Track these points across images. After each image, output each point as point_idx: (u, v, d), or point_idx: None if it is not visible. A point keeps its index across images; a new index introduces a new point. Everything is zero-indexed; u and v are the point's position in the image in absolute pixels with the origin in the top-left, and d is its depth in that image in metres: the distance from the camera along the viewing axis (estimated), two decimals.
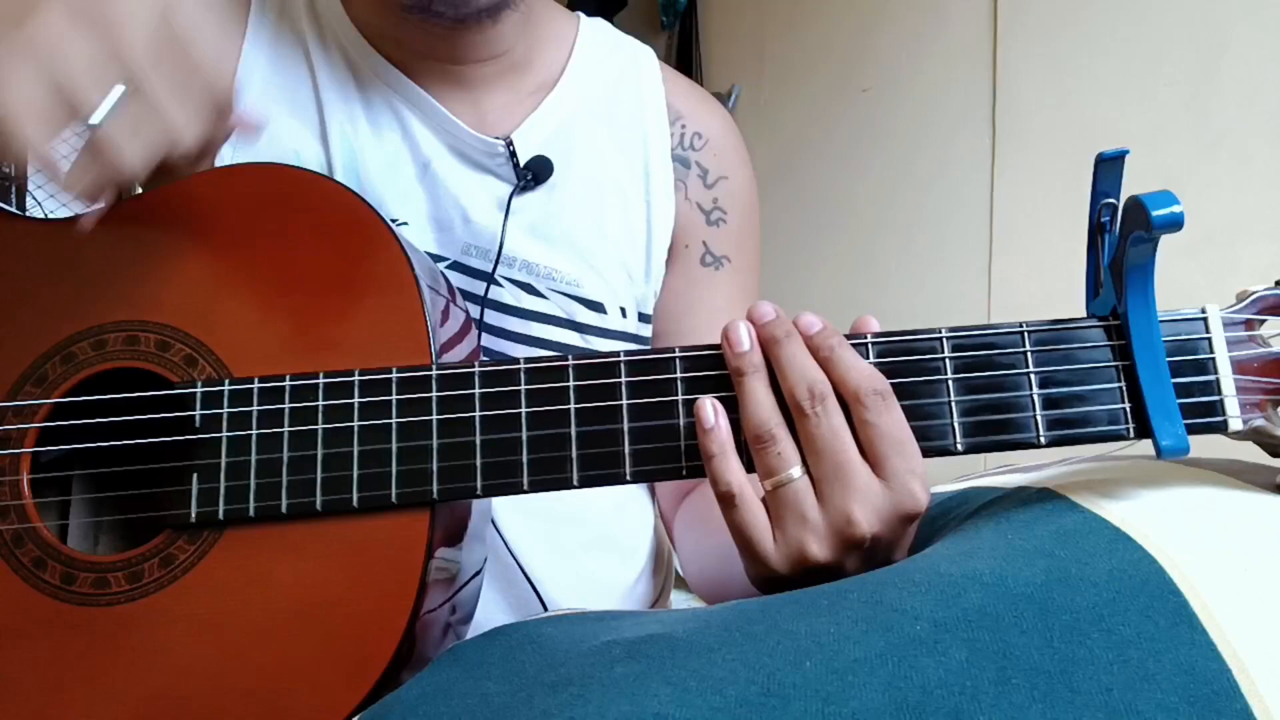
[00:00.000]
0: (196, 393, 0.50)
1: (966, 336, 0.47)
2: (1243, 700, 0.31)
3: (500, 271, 0.70)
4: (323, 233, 0.53)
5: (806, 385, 0.45)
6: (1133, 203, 0.42)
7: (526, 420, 0.48)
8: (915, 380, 0.47)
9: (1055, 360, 0.46)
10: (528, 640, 0.41)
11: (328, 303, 0.52)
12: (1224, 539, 0.37)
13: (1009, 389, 0.46)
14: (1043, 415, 0.46)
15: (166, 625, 0.49)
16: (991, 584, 0.36)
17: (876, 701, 0.32)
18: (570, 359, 0.49)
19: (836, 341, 0.46)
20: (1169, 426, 0.43)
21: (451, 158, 0.71)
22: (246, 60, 0.70)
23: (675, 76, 0.81)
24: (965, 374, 0.47)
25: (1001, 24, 2.00)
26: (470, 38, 0.69)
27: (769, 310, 0.47)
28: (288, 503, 0.49)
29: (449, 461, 0.48)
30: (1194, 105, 1.66)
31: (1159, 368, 0.44)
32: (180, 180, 0.56)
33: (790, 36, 2.54)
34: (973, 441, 0.46)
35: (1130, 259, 0.43)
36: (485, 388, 0.49)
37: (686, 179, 0.77)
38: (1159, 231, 0.40)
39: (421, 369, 0.49)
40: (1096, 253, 0.47)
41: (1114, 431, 0.45)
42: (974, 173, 2.03)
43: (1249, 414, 0.44)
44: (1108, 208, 0.46)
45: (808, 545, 0.44)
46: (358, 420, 0.49)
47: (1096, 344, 0.46)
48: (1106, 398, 0.45)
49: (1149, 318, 0.44)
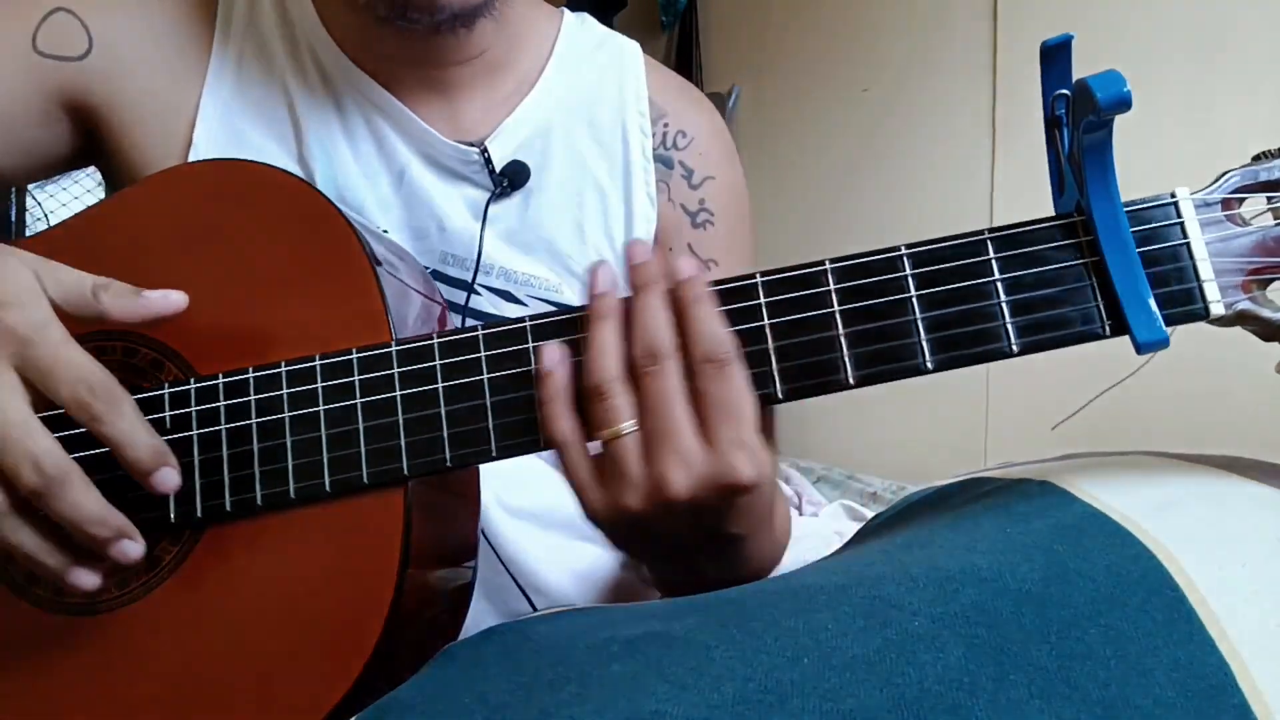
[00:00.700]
0: (164, 395, 0.51)
1: (927, 251, 0.45)
2: (1240, 695, 0.31)
3: (479, 280, 0.69)
4: (276, 224, 0.53)
5: (646, 343, 0.44)
6: (1079, 87, 0.40)
7: (489, 386, 0.48)
8: (878, 301, 0.45)
9: (1021, 264, 0.44)
10: (524, 639, 0.41)
11: (286, 294, 0.52)
12: (1222, 534, 0.37)
13: (976, 299, 0.44)
14: (1013, 323, 0.44)
15: (156, 628, 0.49)
16: (990, 579, 0.36)
17: (874, 698, 0.32)
18: (528, 320, 0.48)
19: (696, 295, 0.45)
20: (1145, 319, 0.42)
21: (426, 166, 0.70)
22: (210, 86, 0.69)
23: (661, 73, 0.79)
24: (929, 289, 0.45)
25: (1001, 24, 2.00)
26: (444, 42, 0.68)
27: (642, 252, 0.46)
28: (262, 494, 0.49)
29: (416, 436, 0.48)
30: (1194, 105, 1.66)
31: (1129, 259, 0.42)
32: (133, 186, 0.56)
33: (790, 36, 2.54)
34: (943, 358, 0.45)
35: (1085, 148, 0.42)
36: (446, 358, 0.48)
37: (670, 180, 0.75)
38: (1108, 113, 0.39)
39: (381, 346, 0.49)
40: (1056, 148, 0.45)
41: (1088, 331, 0.44)
42: (974, 173, 2.03)
43: (1232, 297, 0.42)
44: (1060, 100, 0.44)
45: (624, 498, 0.45)
46: (323, 404, 0.49)
47: (1063, 242, 0.44)
48: (1078, 297, 0.44)
49: (1113, 207, 0.42)
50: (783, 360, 0.46)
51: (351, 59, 0.69)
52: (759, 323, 0.46)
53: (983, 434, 2.02)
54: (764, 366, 0.46)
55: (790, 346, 0.46)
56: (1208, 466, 0.45)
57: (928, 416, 2.07)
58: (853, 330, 0.45)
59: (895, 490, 1.98)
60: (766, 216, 0.82)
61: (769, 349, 0.46)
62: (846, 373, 0.45)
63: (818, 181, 2.43)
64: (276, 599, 0.48)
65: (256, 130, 0.69)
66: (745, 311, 0.47)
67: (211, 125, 0.69)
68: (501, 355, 0.48)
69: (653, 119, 0.75)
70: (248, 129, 0.69)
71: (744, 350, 0.46)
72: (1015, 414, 1.96)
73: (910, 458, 2.09)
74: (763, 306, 0.47)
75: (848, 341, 0.45)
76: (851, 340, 0.45)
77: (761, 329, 0.46)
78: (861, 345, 0.45)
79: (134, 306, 0.49)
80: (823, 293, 0.46)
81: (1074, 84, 0.41)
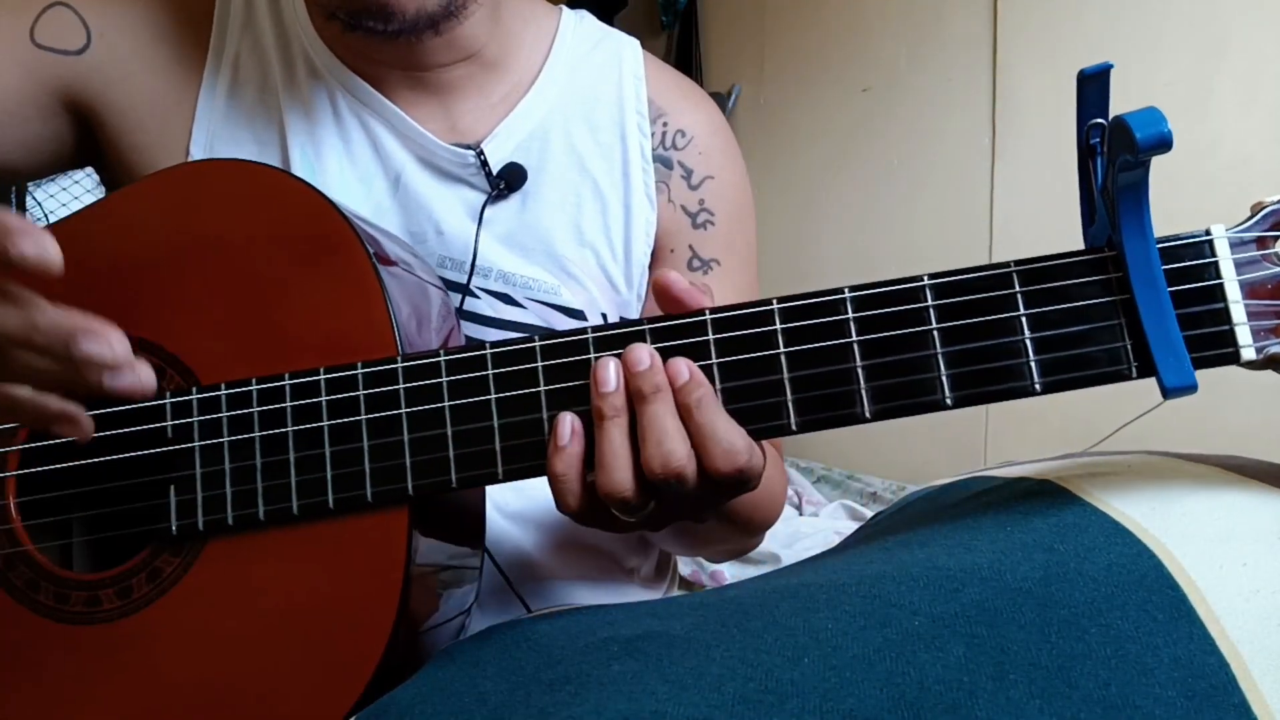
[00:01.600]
0: (166, 404, 0.50)
1: (951, 282, 0.43)
2: (1240, 694, 0.31)
3: (476, 283, 0.69)
4: (281, 230, 0.52)
5: (663, 460, 0.43)
6: (1117, 124, 0.39)
7: (497, 407, 0.47)
8: (898, 333, 0.44)
9: (1048, 299, 0.42)
10: (524, 638, 0.41)
11: (291, 301, 0.51)
12: (1222, 533, 0.37)
13: (999, 335, 0.43)
14: (1036, 360, 0.42)
15: (157, 639, 0.48)
16: (990, 579, 0.36)
17: (874, 698, 0.32)
18: (537, 339, 0.47)
19: (698, 399, 0.44)
20: (1173, 362, 0.40)
21: (422, 169, 0.69)
22: (206, 89, 0.69)
23: (661, 71, 0.78)
24: (951, 322, 0.43)
25: (1001, 24, 2.00)
26: (429, 43, 0.66)
27: (643, 358, 0.45)
28: (265, 509, 0.48)
29: (421, 455, 0.47)
30: (1194, 105, 1.66)
31: (1159, 298, 0.40)
32: (131, 185, 0.56)
33: (790, 36, 2.54)
34: (963, 394, 0.43)
35: (1120, 183, 0.40)
36: (453, 375, 0.47)
37: (669, 180, 0.74)
38: (1146, 154, 0.38)
39: (387, 362, 0.48)
40: (1088, 178, 0.44)
41: (1114, 372, 0.42)
42: (974, 173, 2.03)
43: (1264, 340, 0.40)
44: (1095, 129, 0.42)
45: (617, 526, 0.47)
46: (327, 420, 0.48)
47: (1092, 278, 0.42)
48: (1105, 336, 0.42)
49: (1146, 245, 0.41)
50: (797, 391, 0.44)
51: (343, 60, 0.69)
52: (774, 350, 0.45)
53: (983, 434, 2.02)
54: (778, 397, 0.45)
55: (806, 378, 0.44)
56: (1208, 466, 0.45)
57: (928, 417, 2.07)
58: (871, 363, 0.44)
59: (895, 490, 1.98)
60: (766, 216, 0.81)
61: (784, 379, 0.45)
62: (863, 406, 0.44)
63: (817, 181, 2.43)
64: (278, 615, 0.47)
65: (249, 135, 0.69)
66: (760, 338, 0.45)
67: (207, 129, 0.69)
68: (510, 374, 0.47)
69: (652, 118, 0.74)
70: (242, 134, 0.69)
71: (757, 380, 0.45)
72: (1015, 414, 1.96)
73: (910, 458, 2.09)
74: (778, 333, 0.45)
75: (865, 374, 0.44)
76: (869, 373, 0.44)
77: (776, 357, 0.45)
78: (880, 378, 0.44)
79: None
80: (840, 321, 0.44)
81: (1111, 120, 0.40)
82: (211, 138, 0.69)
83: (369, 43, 0.66)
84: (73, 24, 0.68)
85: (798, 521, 1.90)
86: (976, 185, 2.03)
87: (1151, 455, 0.45)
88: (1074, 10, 1.83)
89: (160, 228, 0.54)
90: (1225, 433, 1.63)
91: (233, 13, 0.71)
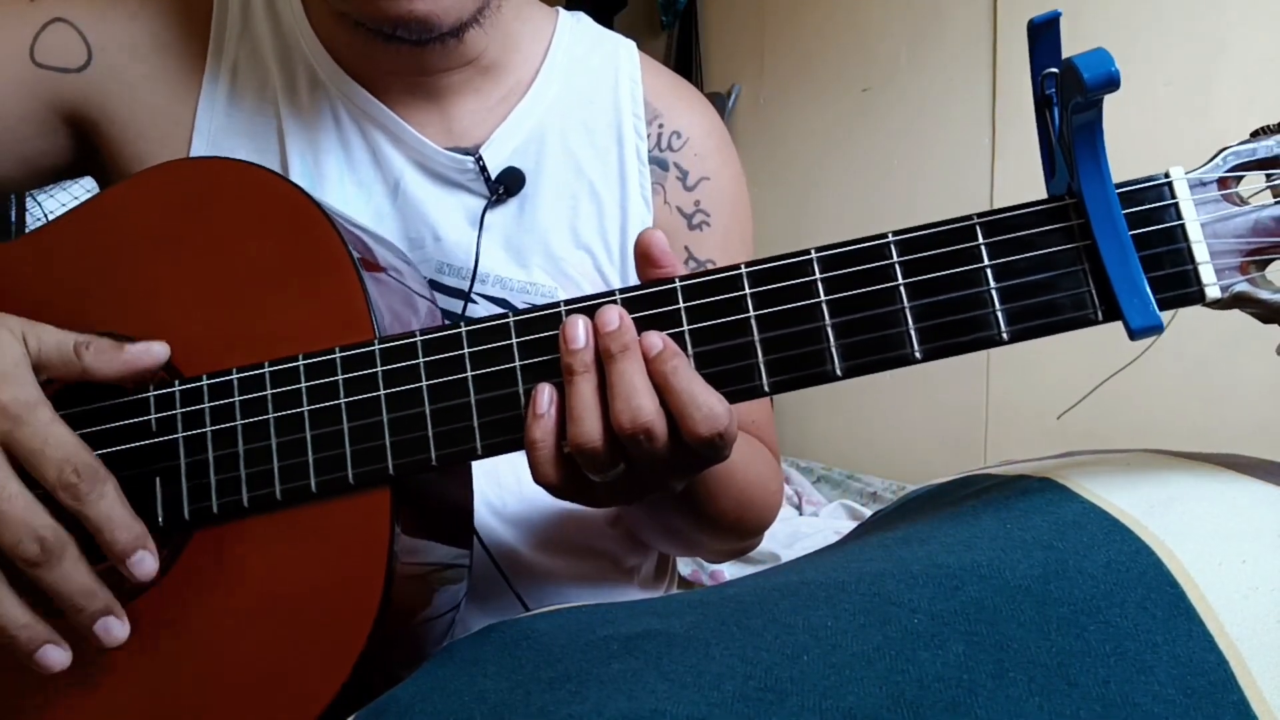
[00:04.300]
0: (149, 397, 0.51)
1: (915, 238, 0.44)
2: (1239, 692, 0.31)
3: (475, 289, 0.69)
4: (256, 222, 0.53)
5: (631, 415, 0.44)
6: (1066, 67, 0.39)
7: (474, 383, 0.48)
8: (865, 291, 0.45)
9: (1011, 249, 0.43)
10: (523, 636, 0.41)
11: (269, 292, 0.52)
12: (1221, 530, 0.37)
13: (965, 287, 0.44)
14: (1003, 309, 0.43)
15: (150, 631, 0.49)
16: (989, 576, 0.36)
17: (874, 696, 0.32)
18: (511, 316, 0.48)
19: (673, 367, 0.45)
20: (1138, 303, 0.41)
21: (421, 175, 0.69)
22: (205, 98, 0.69)
23: (657, 72, 0.78)
24: (916, 277, 0.44)
25: (1001, 24, 2.00)
26: (434, 51, 0.67)
27: (612, 319, 0.46)
28: (248, 495, 0.49)
29: (401, 435, 0.48)
30: (1194, 105, 1.66)
31: (1121, 242, 0.41)
32: (117, 184, 0.56)
33: (790, 36, 2.54)
34: (932, 347, 0.44)
35: (1075, 128, 0.41)
36: (429, 356, 0.48)
37: (665, 182, 0.74)
38: (1095, 93, 0.38)
39: (364, 345, 0.49)
40: (1047, 129, 0.44)
41: (1080, 317, 0.43)
42: (974, 172, 2.04)
43: (1229, 279, 0.41)
44: (1050, 79, 0.43)
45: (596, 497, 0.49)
46: (307, 405, 0.49)
47: (1054, 226, 0.43)
48: (1069, 282, 0.43)
49: (1104, 189, 0.41)
50: (769, 352, 0.46)
51: (343, 66, 0.69)
52: (744, 314, 0.46)
53: (982, 434, 2.02)
54: (750, 359, 0.46)
55: (776, 339, 0.45)
56: (1207, 464, 0.45)
57: (927, 416, 2.07)
58: (839, 320, 0.45)
59: (895, 490, 1.99)
60: (766, 216, 0.81)
61: (755, 341, 0.46)
62: (834, 364, 0.45)
63: (817, 181, 2.43)
64: (265, 600, 0.48)
65: (248, 142, 0.69)
66: (731, 303, 0.46)
67: (207, 137, 0.69)
68: (486, 352, 0.48)
69: (647, 120, 0.74)
70: (240, 141, 0.69)
71: (729, 344, 0.46)
72: (1015, 414, 1.96)
73: (910, 457, 2.09)
74: (748, 298, 0.46)
75: (835, 332, 0.45)
76: (838, 330, 0.45)
77: (747, 321, 0.46)
78: (849, 335, 0.45)
79: (116, 362, 0.49)
80: (808, 282, 0.45)
81: (1061, 63, 0.40)
82: (211, 145, 0.69)
83: (376, 49, 0.66)
84: (73, 41, 0.68)
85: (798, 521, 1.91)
86: (976, 185, 2.03)
87: (1151, 453, 0.45)
88: (1074, 10, 1.83)
89: (143, 225, 0.54)
90: (1225, 433, 1.64)
91: (230, 20, 0.71)
